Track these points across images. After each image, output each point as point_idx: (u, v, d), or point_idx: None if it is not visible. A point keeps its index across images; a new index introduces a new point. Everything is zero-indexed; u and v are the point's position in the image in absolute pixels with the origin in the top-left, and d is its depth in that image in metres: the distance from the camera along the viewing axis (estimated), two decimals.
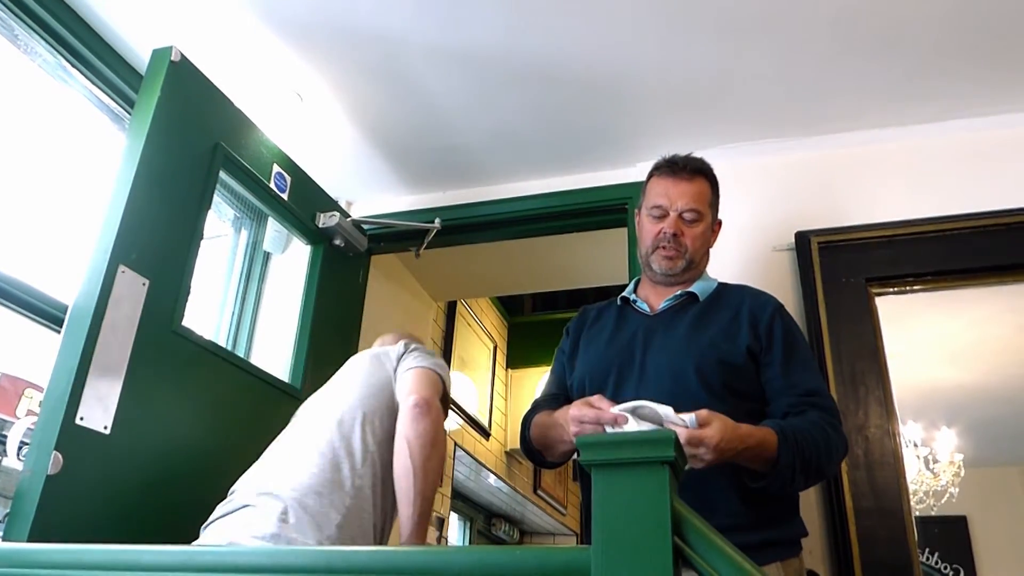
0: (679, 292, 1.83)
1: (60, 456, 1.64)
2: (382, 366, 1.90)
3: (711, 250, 1.93)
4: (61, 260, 2.14)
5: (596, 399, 1.50)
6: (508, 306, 5.38)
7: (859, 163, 2.53)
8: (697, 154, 2.57)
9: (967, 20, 2.11)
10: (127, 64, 2.35)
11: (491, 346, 4.98)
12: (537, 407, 1.85)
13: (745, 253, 2.47)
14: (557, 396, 1.86)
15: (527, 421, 1.84)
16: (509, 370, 5.30)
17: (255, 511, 1.56)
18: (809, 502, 2.13)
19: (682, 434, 1.36)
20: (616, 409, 1.43)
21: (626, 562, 0.92)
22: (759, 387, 1.69)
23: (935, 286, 2.36)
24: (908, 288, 2.36)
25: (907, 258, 2.33)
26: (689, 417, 1.39)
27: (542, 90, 2.45)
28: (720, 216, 1.92)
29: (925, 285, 2.35)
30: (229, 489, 1.69)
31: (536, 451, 1.81)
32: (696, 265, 1.85)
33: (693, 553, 0.94)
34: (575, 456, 1.70)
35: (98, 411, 1.75)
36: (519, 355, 5.34)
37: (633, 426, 1.39)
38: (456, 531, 4.50)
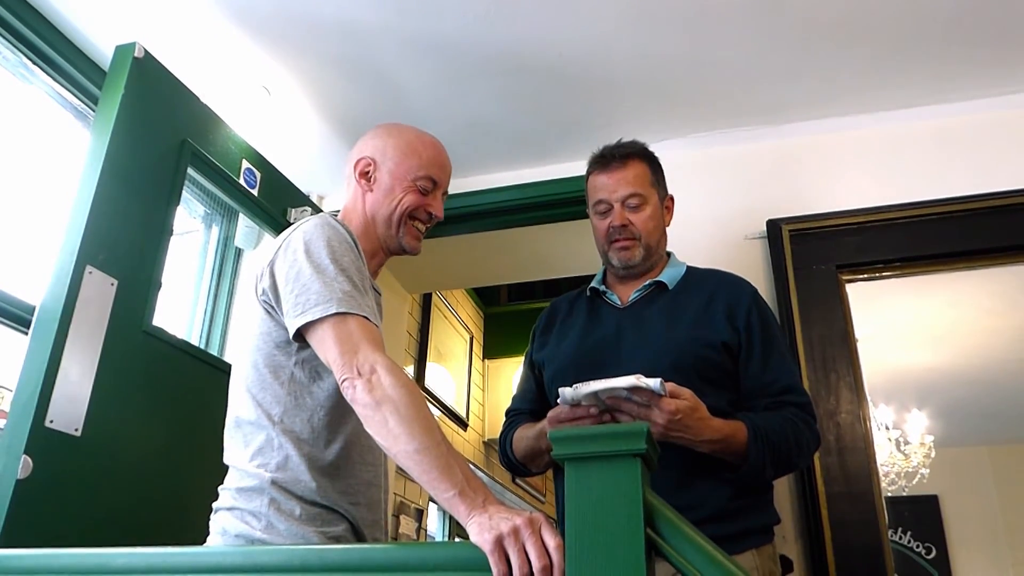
0: (648, 282, 1.82)
1: (30, 460, 1.62)
2: None
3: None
4: (27, 261, 2.10)
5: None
6: (484, 296, 5.36)
7: (829, 151, 2.55)
8: (669, 143, 2.61)
9: (932, 7, 2.13)
10: (90, 61, 2.31)
11: (467, 337, 4.97)
12: (513, 423, 1.85)
13: (717, 242, 2.49)
14: (532, 412, 1.85)
15: (506, 437, 1.84)
16: (486, 360, 5.29)
17: None
18: (782, 489, 2.15)
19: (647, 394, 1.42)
20: (571, 392, 1.43)
21: (599, 554, 0.93)
22: (736, 377, 1.70)
23: (904, 272, 2.39)
24: (878, 274, 2.38)
25: (876, 245, 2.35)
26: (655, 381, 1.39)
27: (514, 81, 2.44)
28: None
29: (894, 271, 2.38)
30: (202, 488, 1.67)
31: (520, 464, 1.82)
32: (655, 250, 1.83)
33: (666, 544, 0.95)
34: None
35: (68, 413, 1.73)
36: (496, 345, 5.33)
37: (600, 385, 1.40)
38: (436, 522, 4.50)
